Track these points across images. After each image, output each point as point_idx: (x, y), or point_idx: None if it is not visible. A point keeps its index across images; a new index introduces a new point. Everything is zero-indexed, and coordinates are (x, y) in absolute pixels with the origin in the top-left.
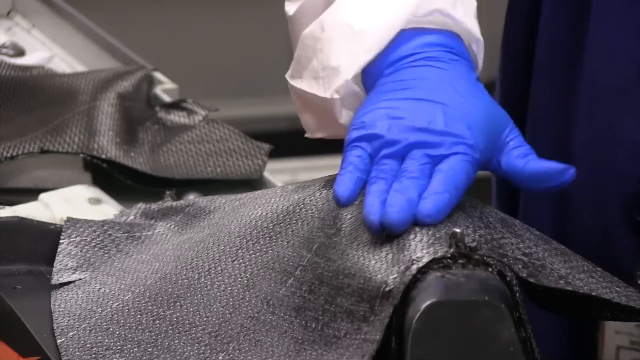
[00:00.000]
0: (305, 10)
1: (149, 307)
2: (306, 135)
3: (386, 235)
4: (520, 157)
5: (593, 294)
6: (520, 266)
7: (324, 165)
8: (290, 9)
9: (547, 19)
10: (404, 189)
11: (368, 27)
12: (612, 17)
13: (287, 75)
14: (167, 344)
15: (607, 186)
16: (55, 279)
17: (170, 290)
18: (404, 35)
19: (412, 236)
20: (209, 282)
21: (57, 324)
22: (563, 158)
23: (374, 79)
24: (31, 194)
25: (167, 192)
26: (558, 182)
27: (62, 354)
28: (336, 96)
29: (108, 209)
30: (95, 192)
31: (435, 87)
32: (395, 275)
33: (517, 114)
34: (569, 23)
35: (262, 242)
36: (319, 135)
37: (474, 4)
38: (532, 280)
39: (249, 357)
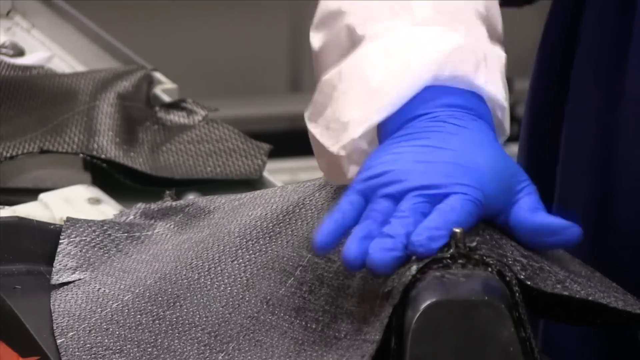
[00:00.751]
0: (329, 47)
1: (149, 307)
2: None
3: None
4: (529, 210)
5: (590, 298)
6: (518, 268)
7: None
8: (315, 42)
9: (588, 28)
10: (391, 228)
11: (385, 86)
12: None
13: (305, 115)
14: (166, 344)
15: None
16: (55, 279)
17: (170, 290)
18: (424, 93)
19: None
20: (209, 282)
21: (56, 324)
22: (603, 173)
23: (388, 134)
24: (31, 194)
25: (167, 192)
26: (561, 239)
27: (61, 354)
28: (342, 153)
29: (108, 209)
30: (95, 192)
31: (447, 137)
32: (394, 276)
33: (545, 123)
34: (612, 33)
35: (261, 242)
36: (333, 181)
37: (500, 61)
38: (529, 283)
39: (249, 357)
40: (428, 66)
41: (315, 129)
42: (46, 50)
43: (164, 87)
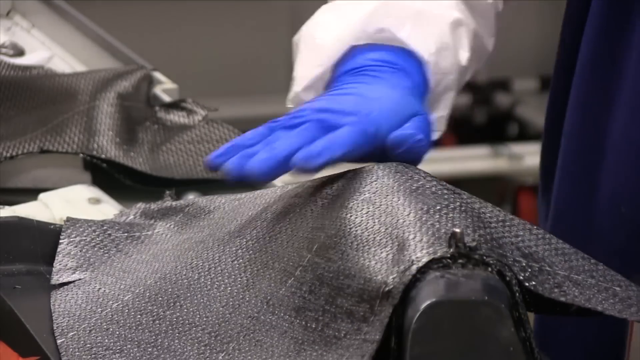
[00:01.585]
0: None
1: (149, 307)
2: None
3: (386, 235)
4: (397, 130)
5: (587, 305)
6: (518, 268)
7: None
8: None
9: (593, 20)
10: (277, 142)
11: (324, 43)
12: None
13: None
14: (167, 344)
15: None
16: (55, 279)
17: (170, 290)
18: (355, 51)
19: (412, 236)
20: (209, 282)
21: (57, 324)
22: (601, 149)
23: (326, 88)
24: (31, 193)
25: (167, 192)
26: (406, 149)
27: (61, 354)
28: (290, 105)
29: (108, 208)
30: (95, 192)
31: (359, 86)
32: (394, 275)
33: (561, 113)
34: (614, 27)
35: (262, 242)
36: None
37: (444, 19)
38: (527, 284)
39: (249, 357)
40: (357, 22)
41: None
42: (46, 50)
43: (164, 87)
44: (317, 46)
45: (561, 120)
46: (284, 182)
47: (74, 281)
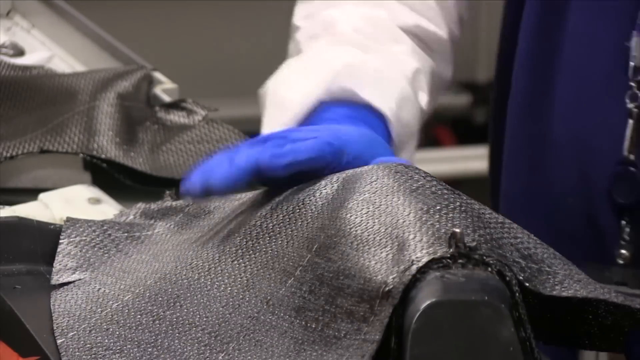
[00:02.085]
0: (289, 56)
1: (149, 308)
2: None
3: (386, 235)
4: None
5: (590, 296)
6: (517, 269)
7: None
8: (290, 47)
9: (529, 8)
10: (238, 153)
11: (288, 101)
12: (592, 5)
13: None
14: (167, 344)
15: (590, 169)
16: (55, 279)
17: (170, 290)
18: (321, 106)
19: (411, 236)
20: (209, 282)
21: (57, 324)
22: (545, 143)
23: None
24: (31, 193)
25: (167, 192)
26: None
27: (62, 354)
28: None
29: (108, 208)
30: (95, 192)
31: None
32: (394, 275)
33: (502, 100)
34: (551, 12)
35: (262, 242)
36: None
37: (404, 78)
38: (527, 284)
39: (249, 357)
40: (321, 82)
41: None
42: (46, 50)
43: (164, 87)
44: (282, 104)
45: (504, 117)
46: None
47: (74, 281)
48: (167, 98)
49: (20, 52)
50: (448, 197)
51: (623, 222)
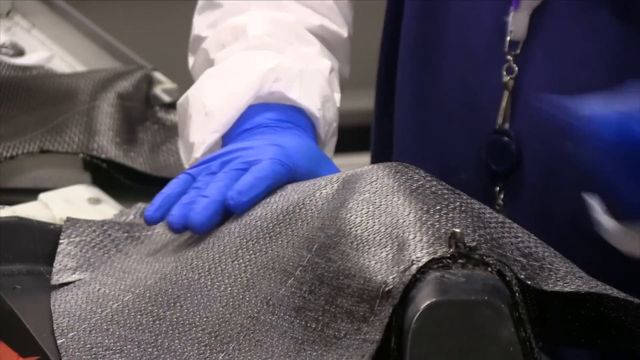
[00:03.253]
0: (195, 69)
1: (149, 308)
2: None
3: (386, 235)
4: None
5: (592, 291)
6: (518, 267)
7: None
8: (190, 61)
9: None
10: (207, 191)
11: (216, 109)
12: None
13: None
14: (167, 344)
15: (473, 140)
16: (55, 279)
17: (170, 290)
18: (250, 110)
19: (412, 236)
20: (209, 283)
21: (57, 324)
22: (435, 116)
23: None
24: (31, 193)
25: None
26: None
27: (62, 355)
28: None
29: (108, 208)
30: (95, 192)
31: (265, 137)
32: (394, 275)
33: (387, 84)
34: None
35: (262, 242)
36: None
37: (321, 74)
38: (529, 282)
39: (249, 357)
40: (249, 88)
41: (180, 147)
42: (46, 50)
43: (164, 87)
44: (208, 112)
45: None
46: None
47: (74, 281)
48: (167, 98)
49: (20, 52)
50: (448, 197)
51: (497, 188)
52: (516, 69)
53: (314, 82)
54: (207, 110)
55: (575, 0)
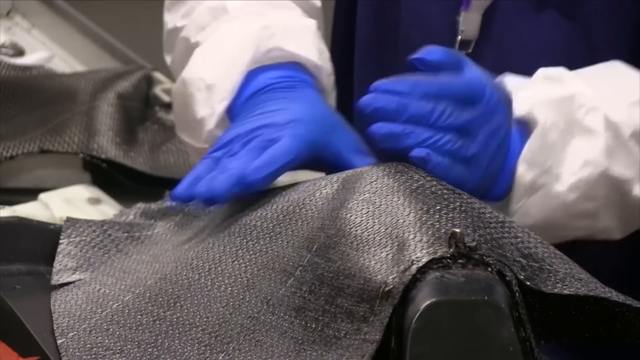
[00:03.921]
0: (177, 62)
1: (149, 308)
2: None
3: (386, 235)
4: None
5: (591, 293)
6: (518, 268)
7: None
8: (167, 59)
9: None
10: (227, 163)
11: (217, 80)
12: None
13: (176, 131)
14: (167, 344)
15: None
16: (55, 279)
17: (170, 290)
18: (250, 75)
19: (412, 236)
20: (209, 283)
21: (57, 324)
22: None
23: (234, 116)
24: (31, 193)
25: (167, 192)
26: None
27: (62, 355)
28: (206, 145)
29: (108, 208)
30: (95, 192)
31: (277, 103)
32: (394, 275)
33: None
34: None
35: (262, 242)
36: None
37: (310, 29)
38: (529, 283)
39: (249, 358)
40: (245, 50)
41: (183, 135)
42: (46, 50)
43: (164, 87)
44: (210, 85)
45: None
46: (283, 183)
47: (74, 282)
48: (167, 98)
49: (20, 52)
50: (448, 197)
51: None
52: None
53: (305, 36)
54: (208, 83)
55: (524, 1)
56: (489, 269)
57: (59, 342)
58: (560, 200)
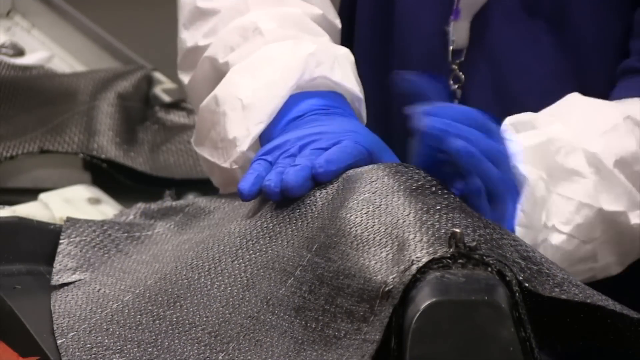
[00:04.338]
0: (198, 80)
1: (149, 308)
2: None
3: (386, 235)
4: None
5: (588, 301)
6: (517, 269)
7: None
8: (183, 78)
9: (361, 5)
10: (297, 160)
11: (255, 101)
12: None
13: (192, 141)
14: (167, 344)
15: None
16: (55, 279)
17: (170, 290)
18: (291, 99)
19: (412, 236)
20: (209, 282)
21: (57, 324)
22: (386, 129)
23: (270, 140)
24: (31, 193)
25: (167, 192)
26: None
27: (62, 355)
28: (235, 166)
29: (108, 208)
30: (95, 192)
31: (324, 123)
32: (394, 275)
33: None
34: (380, 3)
35: (262, 242)
36: (228, 191)
37: (348, 58)
38: (527, 285)
39: (249, 357)
40: (289, 75)
41: (203, 151)
42: (46, 50)
43: (164, 87)
44: (246, 105)
45: None
46: None
47: (74, 282)
48: (167, 98)
49: (20, 52)
50: (448, 197)
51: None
52: (462, 77)
53: (348, 66)
54: (245, 103)
55: (512, 10)
56: (489, 269)
57: (59, 342)
58: (561, 251)
